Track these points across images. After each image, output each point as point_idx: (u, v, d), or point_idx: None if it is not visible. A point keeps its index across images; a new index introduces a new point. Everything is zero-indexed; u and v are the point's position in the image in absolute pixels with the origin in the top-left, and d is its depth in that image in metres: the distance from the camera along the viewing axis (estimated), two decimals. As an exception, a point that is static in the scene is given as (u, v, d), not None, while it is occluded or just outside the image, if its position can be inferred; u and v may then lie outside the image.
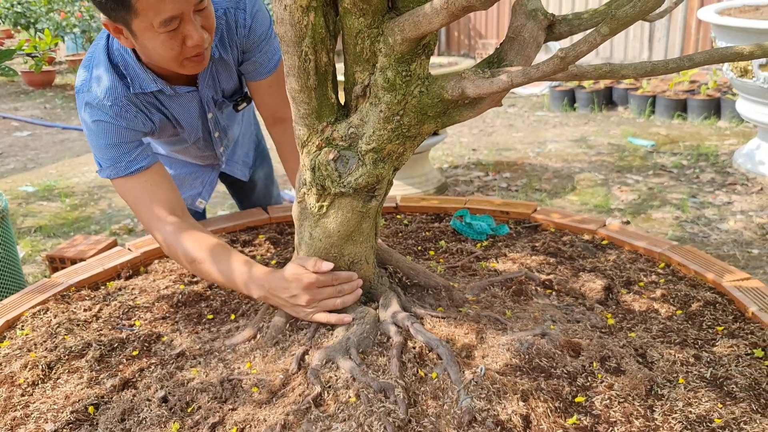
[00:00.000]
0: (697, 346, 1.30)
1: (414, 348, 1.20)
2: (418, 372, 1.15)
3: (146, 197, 1.51)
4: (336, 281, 1.27)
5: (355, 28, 1.05)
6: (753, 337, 1.32)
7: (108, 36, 1.51)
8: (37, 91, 8.91)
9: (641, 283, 1.57)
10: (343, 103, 1.20)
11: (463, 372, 1.12)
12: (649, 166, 4.53)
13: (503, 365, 1.17)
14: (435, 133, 4.04)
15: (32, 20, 8.55)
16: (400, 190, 4.05)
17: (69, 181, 4.97)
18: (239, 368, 1.27)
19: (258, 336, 1.36)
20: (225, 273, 1.40)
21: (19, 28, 9.05)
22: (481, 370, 1.11)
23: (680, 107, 5.68)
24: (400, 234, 1.90)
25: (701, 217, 3.58)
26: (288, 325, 1.33)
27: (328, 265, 1.26)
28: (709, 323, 1.39)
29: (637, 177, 4.31)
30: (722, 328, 1.36)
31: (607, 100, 6.34)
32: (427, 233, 1.88)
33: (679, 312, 1.43)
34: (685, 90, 5.84)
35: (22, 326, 1.49)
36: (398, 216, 2.04)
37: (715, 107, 5.54)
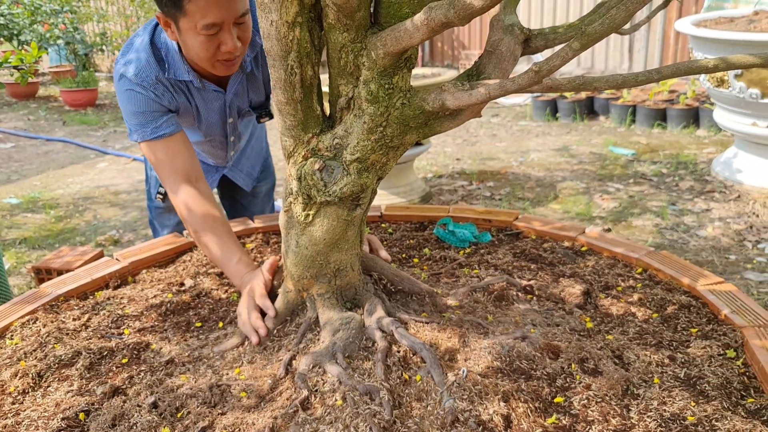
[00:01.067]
0: (672, 348, 1.34)
1: (398, 352, 1.23)
2: (402, 375, 1.19)
3: (167, 162, 1.69)
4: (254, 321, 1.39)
5: (339, 43, 1.09)
6: (725, 339, 1.37)
7: (156, 26, 1.73)
8: (20, 103, 8.87)
9: (619, 288, 1.61)
10: (328, 115, 1.24)
11: (446, 374, 1.16)
12: (629, 174, 4.61)
13: (485, 368, 1.21)
14: (419, 143, 4.09)
15: (15, 32, 8.52)
16: (385, 200, 4.09)
17: (53, 193, 4.96)
18: (228, 374, 1.30)
19: (246, 343, 1.39)
20: (216, 252, 1.61)
21: (1, 39, 9.01)
22: (463, 372, 1.15)
23: (660, 116, 5.78)
24: (385, 242, 1.93)
25: (680, 224, 3.65)
26: (275, 331, 1.36)
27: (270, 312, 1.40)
28: (684, 325, 1.43)
29: (618, 185, 4.39)
30: (696, 330, 1.41)
31: (589, 109, 6.43)
32: (411, 241, 1.92)
33: (655, 315, 1.48)
34: (665, 100, 5.94)
35: (12, 336, 1.51)
36: (383, 225, 2.08)
37: (693, 116, 5.64)
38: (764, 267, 3.08)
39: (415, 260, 1.80)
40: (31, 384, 1.32)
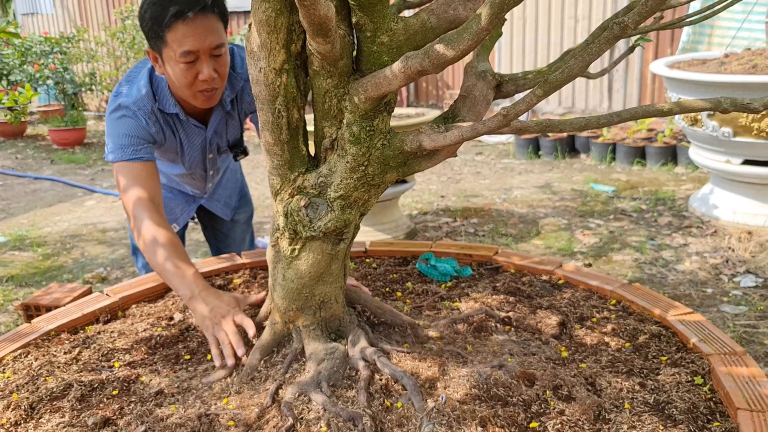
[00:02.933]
0: (642, 375, 1.41)
1: (381, 380, 1.28)
2: (384, 402, 1.24)
3: (136, 184, 1.80)
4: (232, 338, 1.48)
5: (323, 88, 1.17)
6: (693, 366, 1.43)
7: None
8: (8, 142, 8.91)
9: (594, 319, 1.68)
10: (313, 155, 1.31)
11: (426, 401, 1.21)
12: (610, 210, 4.71)
13: (464, 395, 1.26)
14: (403, 181, 4.18)
15: (5, 72, 8.62)
16: (370, 236, 4.16)
17: (41, 231, 4.99)
18: (216, 404, 1.34)
19: (234, 374, 1.44)
20: (165, 268, 1.69)
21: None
22: (442, 399, 1.20)
23: (639, 154, 5.92)
24: (369, 277, 1.99)
25: (659, 258, 3.74)
26: (262, 362, 1.41)
27: (250, 328, 1.49)
28: (654, 354, 1.50)
29: (599, 221, 4.49)
30: (666, 358, 1.47)
31: (570, 147, 6.58)
32: (394, 275, 1.98)
33: (627, 344, 1.55)
34: (644, 138, 6.10)
35: (4, 370, 1.54)
36: (367, 260, 2.14)
37: (671, 154, 5.79)
38: (740, 300, 3.16)
39: (398, 294, 1.86)
40: (24, 416, 1.35)
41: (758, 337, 2.80)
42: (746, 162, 4.03)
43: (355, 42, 1.17)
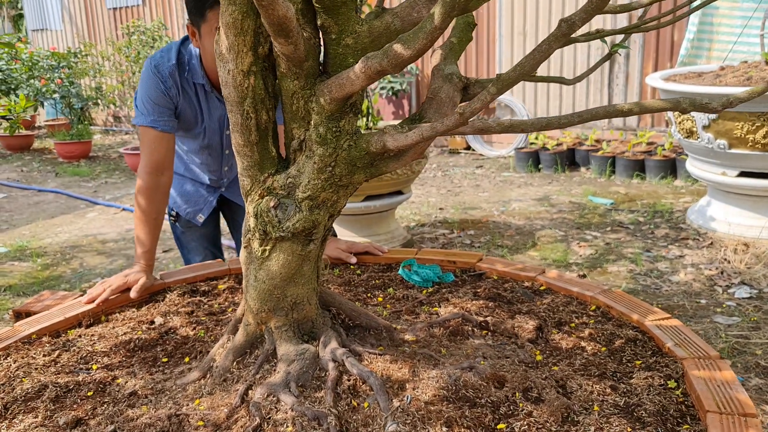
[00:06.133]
0: (615, 378, 1.40)
1: (349, 381, 1.29)
2: (351, 402, 1.24)
3: (149, 149, 2.08)
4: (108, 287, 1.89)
5: (291, 90, 1.19)
6: (667, 370, 1.43)
7: (185, 40, 2.13)
8: (15, 155, 9.00)
9: (572, 324, 1.68)
10: (285, 156, 1.33)
11: (392, 401, 1.21)
12: (607, 222, 4.71)
13: (432, 395, 1.27)
14: (399, 192, 4.20)
15: (13, 86, 8.72)
16: (366, 247, 4.16)
17: (42, 242, 5.02)
18: (188, 405, 1.35)
19: (207, 375, 1.44)
20: (137, 234, 2.06)
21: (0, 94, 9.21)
22: (407, 399, 1.21)
23: (639, 167, 5.92)
24: (353, 283, 2.00)
25: (654, 269, 3.73)
26: (235, 363, 1.42)
27: (134, 291, 1.90)
28: (629, 358, 1.50)
29: (596, 233, 4.48)
30: (640, 362, 1.47)
31: (570, 161, 6.58)
32: (377, 281, 1.99)
33: (603, 349, 1.54)
34: (643, 151, 6.10)
35: (-18, 371, 1.56)
36: (352, 266, 2.15)
37: (671, 167, 5.79)
38: (733, 311, 3.14)
39: (380, 299, 1.87)
40: (-3, 415, 1.36)
41: (750, 348, 2.79)
42: (742, 174, 4.02)
43: (322, 44, 1.19)
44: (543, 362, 1.47)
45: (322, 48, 1.20)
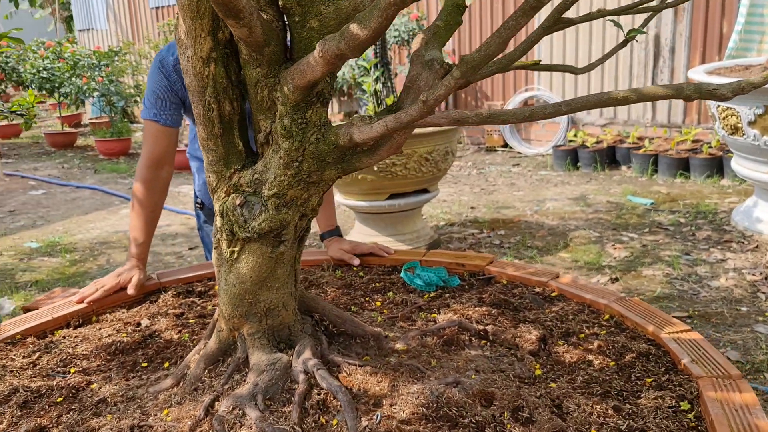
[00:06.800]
0: (620, 398, 1.27)
1: (319, 395, 1.19)
2: (320, 419, 1.14)
3: (150, 143, 2.03)
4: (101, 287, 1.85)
5: (254, 78, 1.09)
6: (681, 390, 1.28)
7: None
8: (58, 152, 9.19)
9: (581, 335, 1.54)
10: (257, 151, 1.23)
11: (360, 419, 1.11)
12: (645, 224, 4.49)
13: (409, 414, 1.15)
14: (425, 191, 4.08)
15: (56, 85, 8.90)
16: (391, 246, 4.05)
17: (73, 238, 5.07)
18: (156, 415, 1.27)
19: (181, 383, 1.36)
20: (131, 228, 2.01)
21: (44, 92, 9.42)
22: (377, 418, 1.10)
23: (683, 166, 5.66)
24: (353, 285, 1.90)
25: (692, 274, 3.52)
26: (206, 371, 1.33)
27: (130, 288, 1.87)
28: (639, 375, 1.35)
29: (633, 234, 4.27)
30: (651, 380, 1.33)
31: (610, 159, 6.34)
32: (377, 284, 1.88)
33: (611, 363, 1.40)
34: (688, 149, 5.83)
35: (-41, 372, 1.51)
36: (355, 268, 2.05)
37: (717, 165, 5.51)
38: (776, 320, 2.93)
39: (378, 303, 1.76)
40: (-39, 420, 1.31)
41: (793, 361, 2.58)
42: (791, 173, 3.77)
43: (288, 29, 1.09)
44: (541, 377, 1.34)
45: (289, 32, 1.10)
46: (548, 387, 1.29)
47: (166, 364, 1.49)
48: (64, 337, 1.68)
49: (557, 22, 1.06)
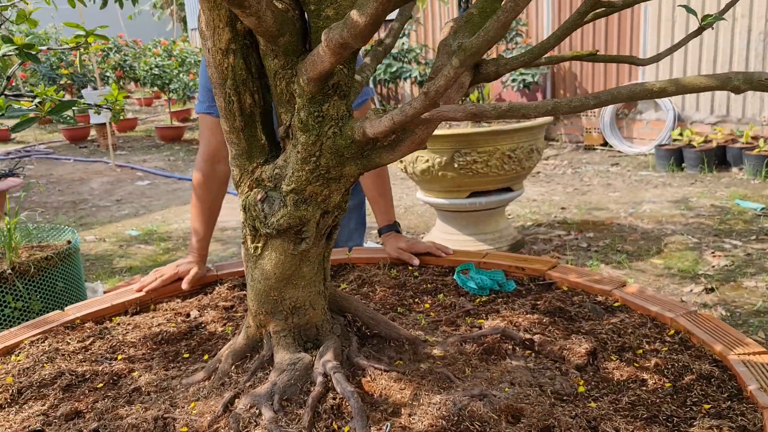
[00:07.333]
0: (668, 425, 1.14)
1: (334, 399, 1.14)
2: (332, 424, 1.10)
3: (204, 137, 2.04)
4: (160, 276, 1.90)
5: (272, 70, 1.06)
6: (742, 420, 1.14)
7: None
8: (166, 145, 9.69)
9: (639, 350, 1.41)
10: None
11: (370, 428, 1.05)
12: (753, 230, 4.14)
13: (427, 425, 1.09)
14: (509, 189, 3.94)
15: (167, 81, 9.38)
16: (470, 246, 3.96)
17: (169, 227, 5.31)
18: (183, 407, 1.27)
19: (212, 377, 1.36)
20: (191, 223, 2.04)
21: (156, 88, 9.96)
22: (386, 428, 1.04)
23: (802, 168, 5.19)
24: (406, 285, 1.84)
25: (801, 288, 3.20)
26: (234, 367, 1.32)
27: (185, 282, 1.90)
28: (696, 399, 1.22)
29: (737, 242, 3.95)
30: (709, 406, 1.19)
31: (720, 160, 5.92)
32: (429, 285, 1.82)
33: (667, 385, 1.27)
34: (809, 149, 5.34)
35: (18, 353, 1.59)
36: (410, 267, 1.99)
37: (842, 168, 5.01)
38: None
39: (426, 305, 1.70)
40: (9, 400, 1.37)
41: None
42: None
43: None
44: (583, 395, 1.23)
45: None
46: (587, 406, 1.18)
47: (206, 357, 1.49)
48: (118, 324, 1.73)
49: (594, 6, 0.96)
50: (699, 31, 1.29)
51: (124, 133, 11.43)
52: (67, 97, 10.67)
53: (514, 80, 7.55)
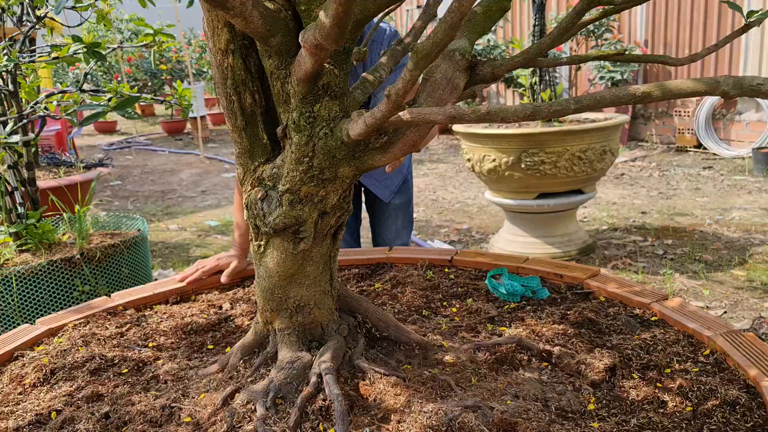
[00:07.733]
0: (676, 452, 1.06)
1: (324, 401, 1.14)
2: (318, 426, 1.09)
3: None
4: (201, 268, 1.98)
5: (269, 70, 1.07)
6: (761, 453, 1.05)
7: None
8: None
9: (667, 369, 1.32)
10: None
11: (350, 432, 1.04)
12: None
13: (413, 434, 1.06)
14: (581, 192, 3.80)
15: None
16: (537, 249, 3.85)
17: (247, 219, 5.47)
18: (193, 398, 1.31)
19: (225, 369, 1.39)
20: (234, 220, 2.06)
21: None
22: (365, 434, 1.03)
23: None
24: (437, 288, 1.81)
25: None
26: (242, 362, 1.34)
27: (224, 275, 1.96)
28: (715, 427, 1.13)
29: (832, 255, 3.64)
30: (728, 435, 1.10)
31: (827, 165, 5.47)
32: (460, 289, 1.78)
33: (688, 409, 1.19)
34: None
35: (61, 335, 1.68)
36: (447, 270, 1.95)
37: None
38: None
39: (453, 309, 1.66)
40: (41, 378, 1.45)
41: None
42: None
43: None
44: (590, 414, 1.17)
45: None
46: (588, 426, 1.12)
47: (228, 349, 1.53)
48: (156, 313, 1.80)
49: (592, 4, 0.91)
50: (743, 29, 1.19)
51: (218, 126, 11.89)
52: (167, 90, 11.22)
53: (602, 78, 7.27)
